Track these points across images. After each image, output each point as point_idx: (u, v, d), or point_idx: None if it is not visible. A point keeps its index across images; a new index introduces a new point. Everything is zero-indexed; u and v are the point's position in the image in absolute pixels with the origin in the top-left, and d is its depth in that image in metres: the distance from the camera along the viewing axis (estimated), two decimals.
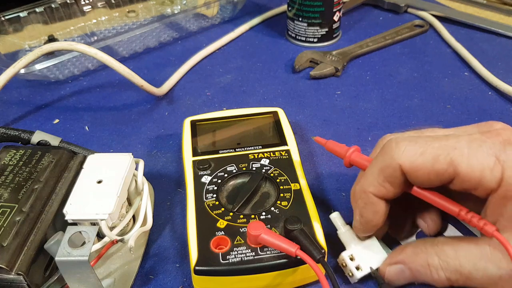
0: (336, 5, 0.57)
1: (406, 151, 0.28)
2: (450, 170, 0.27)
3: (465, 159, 0.27)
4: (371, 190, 0.29)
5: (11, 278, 0.28)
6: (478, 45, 0.58)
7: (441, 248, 0.29)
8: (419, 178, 0.28)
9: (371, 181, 0.30)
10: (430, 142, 0.28)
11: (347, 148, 0.34)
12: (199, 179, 0.36)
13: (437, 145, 0.27)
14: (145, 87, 0.49)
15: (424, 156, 0.27)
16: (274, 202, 0.33)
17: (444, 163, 0.27)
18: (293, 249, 0.28)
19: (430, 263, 0.29)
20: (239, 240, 0.31)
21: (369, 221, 0.30)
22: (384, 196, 0.29)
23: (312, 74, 0.53)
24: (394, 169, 0.28)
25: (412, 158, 0.27)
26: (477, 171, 0.26)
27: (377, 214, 0.30)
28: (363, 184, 0.30)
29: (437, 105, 0.49)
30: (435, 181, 0.28)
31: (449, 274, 0.28)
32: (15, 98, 0.53)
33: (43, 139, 0.38)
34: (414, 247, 0.30)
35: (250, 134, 0.41)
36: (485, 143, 0.27)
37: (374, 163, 0.30)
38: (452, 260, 0.28)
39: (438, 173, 0.27)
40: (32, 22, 0.59)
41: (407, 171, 0.28)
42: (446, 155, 0.27)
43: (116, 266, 0.33)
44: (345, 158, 0.33)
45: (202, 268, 0.30)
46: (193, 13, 0.63)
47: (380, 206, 0.30)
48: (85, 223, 0.30)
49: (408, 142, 0.28)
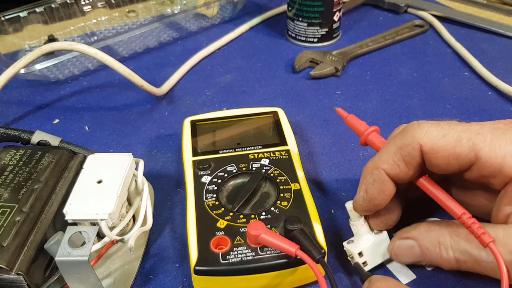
0: (336, 5, 0.57)
1: (429, 131, 0.28)
2: (471, 154, 0.27)
3: (488, 145, 0.27)
4: (384, 167, 0.29)
5: (11, 278, 0.28)
6: (478, 45, 0.58)
7: (454, 228, 0.28)
8: (438, 160, 0.28)
9: (386, 158, 0.29)
10: (454, 126, 0.28)
11: (366, 126, 0.33)
12: (199, 179, 0.36)
13: (460, 129, 0.28)
14: (145, 87, 0.49)
15: (446, 138, 0.27)
16: (274, 202, 0.33)
17: (466, 147, 0.27)
18: (293, 249, 0.28)
19: (441, 241, 0.28)
20: (239, 240, 0.31)
21: (373, 199, 0.30)
22: (396, 175, 0.29)
23: (312, 74, 0.53)
24: (414, 148, 0.28)
25: (434, 139, 0.27)
26: (499, 157, 0.26)
27: (383, 194, 0.29)
28: (377, 160, 0.29)
29: (437, 105, 0.49)
30: (454, 165, 0.27)
31: (458, 255, 0.28)
32: (15, 98, 0.53)
33: (43, 139, 0.38)
34: (427, 224, 0.30)
35: (250, 134, 0.41)
36: (508, 131, 0.27)
37: (393, 141, 0.29)
38: (463, 241, 0.28)
39: (459, 156, 0.27)
40: (32, 22, 0.59)
41: (427, 151, 0.27)
42: (469, 139, 0.27)
43: (116, 266, 0.33)
44: (362, 136, 0.33)
45: (202, 268, 0.30)
46: (193, 13, 0.63)
47: (388, 186, 0.29)
48: (85, 223, 0.30)
49: (431, 124, 0.28)
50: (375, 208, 0.30)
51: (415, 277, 0.32)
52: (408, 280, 0.32)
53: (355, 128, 0.34)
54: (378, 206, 0.30)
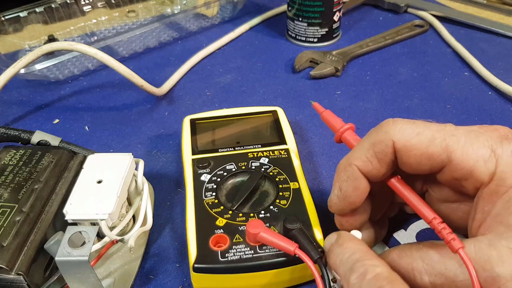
0: (336, 5, 0.57)
1: (403, 129, 0.27)
2: (444, 155, 0.26)
3: (461, 147, 0.26)
4: (357, 163, 0.28)
5: (11, 278, 0.28)
6: (478, 45, 0.58)
7: (426, 252, 0.27)
8: (410, 159, 0.27)
9: (359, 155, 0.28)
10: (429, 125, 0.27)
11: (342, 123, 0.32)
12: (198, 178, 0.36)
13: (435, 129, 0.27)
14: (145, 87, 0.49)
15: (420, 136, 0.27)
16: (273, 200, 0.34)
17: (439, 147, 0.26)
18: (292, 247, 0.28)
19: (415, 267, 0.27)
20: (238, 238, 0.31)
21: (347, 197, 0.29)
22: (369, 172, 0.28)
23: (312, 74, 0.53)
24: (387, 145, 0.27)
25: (407, 136, 0.27)
26: (471, 160, 0.26)
27: (357, 191, 0.29)
28: (350, 157, 0.29)
29: (437, 105, 0.49)
30: (426, 165, 0.27)
31: (433, 278, 0.26)
32: (15, 98, 0.53)
33: (43, 139, 0.38)
34: (400, 250, 0.29)
35: (249, 133, 0.41)
36: (483, 135, 0.27)
37: (366, 138, 0.29)
38: (437, 264, 0.27)
39: (431, 156, 0.27)
40: (32, 22, 0.59)
41: (400, 149, 0.27)
42: (443, 139, 0.26)
43: (116, 266, 0.33)
44: (337, 133, 0.32)
45: (201, 265, 0.30)
46: (193, 13, 0.63)
47: (362, 183, 0.29)
48: (85, 223, 0.30)
49: (405, 122, 0.28)
50: (350, 207, 0.29)
51: None
52: None
53: (330, 124, 0.33)
54: (352, 204, 0.29)
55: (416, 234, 0.35)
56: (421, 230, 0.35)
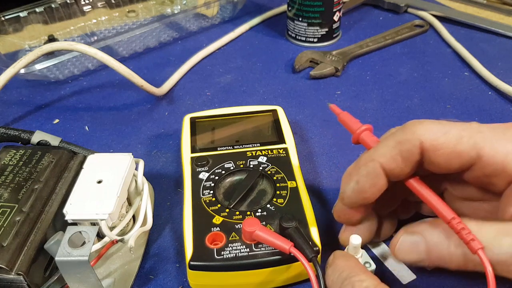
0: (336, 5, 0.57)
1: (430, 128, 0.27)
2: (473, 153, 0.26)
3: (489, 143, 0.26)
4: (381, 160, 0.28)
5: (11, 278, 0.28)
6: (478, 45, 0.58)
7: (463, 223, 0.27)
8: (439, 158, 0.27)
9: (383, 152, 0.28)
10: (454, 124, 0.27)
11: (359, 124, 0.32)
12: (196, 176, 0.36)
13: (461, 127, 0.27)
14: (145, 87, 0.49)
15: (448, 135, 0.27)
16: (270, 199, 0.34)
17: (468, 145, 0.26)
18: (287, 246, 0.29)
19: (449, 236, 0.27)
20: (234, 236, 0.31)
21: (363, 192, 0.29)
22: (391, 171, 0.28)
23: (312, 74, 0.53)
24: (414, 144, 0.27)
25: (434, 136, 0.27)
26: (502, 155, 0.26)
27: (374, 188, 0.28)
28: (373, 153, 0.28)
29: (437, 105, 0.49)
30: (455, 164, 0.27)
31: (467, 250, 0.26)
32: (15, 98, 0.53)
33: (43, 139, 0.38)
34: (433, 220, 0.28)
35: (249, 131, 0.41)
36: (509, 130, 0.27)
37: (392, 137, 0.28)
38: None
39: (460, 154, 0.27)
40: (32, 22, 0.59)
41: (428, 148, 0.27)
42: (470, 137, 0.27)
43: (116, 266, 0.33)
44: (354, 134, 0.32)
45: (196, 263, 0.30)
46: (193, 13, 0.63)
47: (381, 180, 0.28)
48: (85, 223, 0.30)
49: (432, 122, 0.28)
50: (363, 202, 0.29)
51: (415, 277, 0.32)
52: (408, 280, 0.32)
53: (348, 125, 0.33)
54: (366, 200, 0.29)
55: None
56: None
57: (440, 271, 0.32)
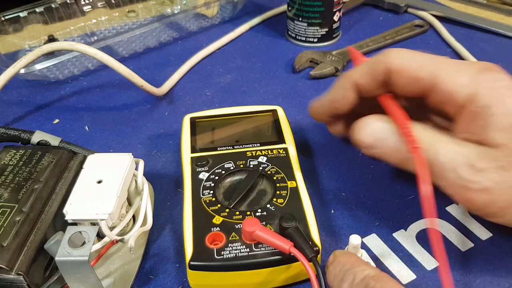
0: (336, 5, 0.57)
1: (401, 55, 0.31)
2: (429, 80, 0.30)
3: (445, 73, 0.30)
4: (353, 76, 0.33)
5: (11, 278, 0.28)
6: (478, 45, 0.58)
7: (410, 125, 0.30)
8: (399, 80, 0.31)
9: (356, 70, 0.33)
10: (425, 55, 0.31)
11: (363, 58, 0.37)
12: (196, 176, 0.36)
13: (428, 57, 0.31)
14: (145, 87, 0.49)
15: (412, 62, 0.31)
16: (270, 199, 0.34)
17: (426, 72, 0.30)
18: (287, 246, 0.29)
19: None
20: (234, 236, 0.31)
21: (334, 101, 0.34)
22: (361, 85, 0.33)
23: (312, 74, 0.53)
24: (383, 66, 0.31)
25: (403, 60, 0.31)
26: (453, 84, 0.29)
27: (344, 99, 0.33)
28: (351, 71, 0.33)
29: None
30: (415, 87, 0.31)
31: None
32: (15, 98, 0.53)
33: (43, 139, 0.38)
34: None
35: (249, 131, 0.41)
36: (466, 65, 0.30)
37: (369, 60, 0.33)
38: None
39: (418, 79, 0.30)
40: (32, 22, 0.59)
41: (393, 70, 0.31)
42: (431, 65, 0.30)
43: (116, 266, 0.33)
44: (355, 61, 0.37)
45: (196, 263, 0.30)
46: (193, 13, 0.63)
47: (351, 94, 0.33)
48: (85, 223, 0.30)
49: (406, 51, 0.32)
50: (334, 111, 0.35)
51: (415, 277, 0.32)
52: (408, 280, 0.32)
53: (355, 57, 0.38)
54: (336, 110, 0.34)
55: (416, 234, 0.35)
56: (421, 230, 0.35)
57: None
